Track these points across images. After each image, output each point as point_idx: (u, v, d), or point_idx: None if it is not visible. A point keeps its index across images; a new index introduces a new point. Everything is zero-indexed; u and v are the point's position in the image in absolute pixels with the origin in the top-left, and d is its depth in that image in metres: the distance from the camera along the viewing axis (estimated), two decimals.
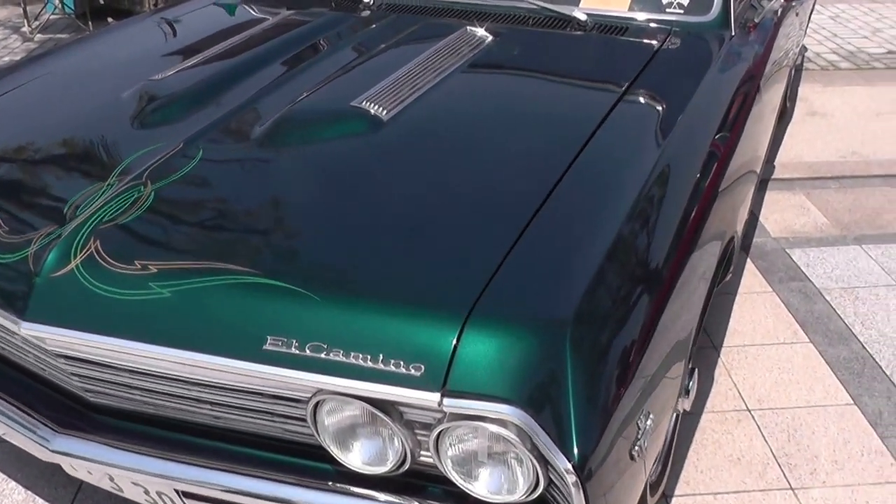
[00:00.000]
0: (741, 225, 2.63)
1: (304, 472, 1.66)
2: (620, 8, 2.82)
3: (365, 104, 2.17)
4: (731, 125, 2.36)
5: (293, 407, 1.60)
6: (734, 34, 2.74)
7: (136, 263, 1.68)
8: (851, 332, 3.03)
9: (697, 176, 2.05)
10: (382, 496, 1.60)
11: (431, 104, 2.24)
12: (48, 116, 2.35)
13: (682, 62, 2.56)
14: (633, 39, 2.71)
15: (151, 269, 1.66)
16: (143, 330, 1.61)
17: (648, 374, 1.62)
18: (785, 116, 4.94)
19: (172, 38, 3.01)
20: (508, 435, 1.41)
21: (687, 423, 2.57)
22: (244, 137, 2.12)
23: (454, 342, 1.45)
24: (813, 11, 5.58)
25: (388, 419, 1.49)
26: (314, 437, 1.60)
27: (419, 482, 1.62)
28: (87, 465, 1.79)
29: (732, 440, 2.53)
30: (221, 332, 1.57)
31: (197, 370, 1.60)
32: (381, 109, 2.15)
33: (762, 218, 3.84)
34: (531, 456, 1.41)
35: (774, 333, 3.02)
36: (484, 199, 1.84)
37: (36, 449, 1.81)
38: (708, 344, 2.95)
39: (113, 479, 1.81)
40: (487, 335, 1.46)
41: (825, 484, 2.38)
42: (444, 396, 1.42)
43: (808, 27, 5.37)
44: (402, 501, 1.60)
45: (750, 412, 2.64)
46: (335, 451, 1.60)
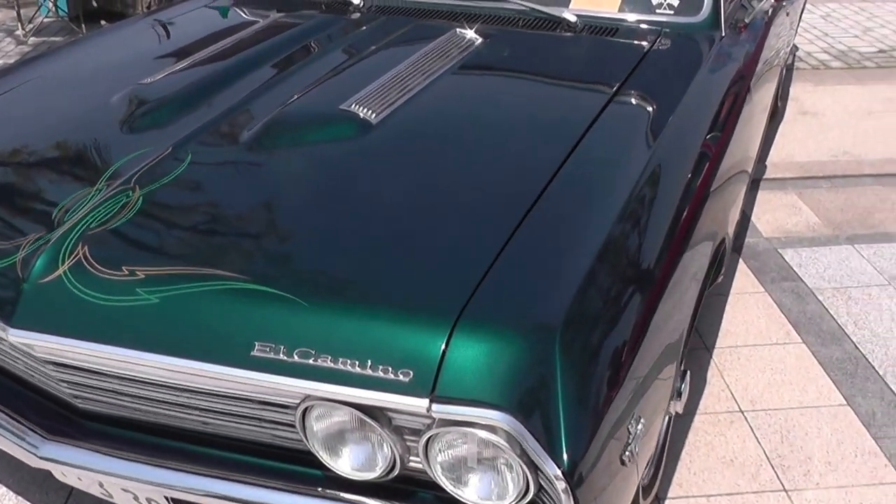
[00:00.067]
0: (733, 225, 2.62)
1: (293, 477, 1.65)
2: (610, 9, 2.81)
3: (354, 107, 2.16)
4: (722, 125, 2.35)
5: (282, 413, 1.59)
6: (724, 34, 2.73)
7: (123, 269, 1.67)
8: (844, 332, 3.02)
9: (688, 177, 2.05)
10: (372, 502, 1.60)
11: (420, 107, 2.23)
12: (38, 121, 2.33)
13: (672, 63, 2.56)
14: (623, 40, 2.70)
15: (139, 274, 1.65)
16: (130, 336, 1.60)
17: (639, 377, 1.61)
18: (776, 116, 4.94)
19: (164, 40, 3.00)
20: (498, 441, 1.40)
21: (679, 424, 2.56)
22: (233, 141, 2.12)
23: (443, 347, 1.44)
24: (804, 11, 5.58)
25: (376, 425, 1.48)
26: (303, 442, 1.59)
27: (409, 488, 1.61)
28: (76, 471, 1.78)
29: (725, 442, 2.53)
30: (209, 338, 1.56)
31: (185, 376, 1.59)
32: (369, 113, 2.14)
33: (754, 218, 3.84)
34: (521, 462, 1.41)
35: (767, 334, 3.02)
36: (473, 202, 1.83)
37: (25, 456, 1.80)
38: (700, 345, 2.95)
39: (103, 485, 1.80)
40: (476, 340, 1.45)
41: (819, 485, 2.37)
42: (432, 402, 1.42)
43: (798, 26, 5.37)
44: None
45: (743, 413, 2.64)
46: (324, 456, 1.59)
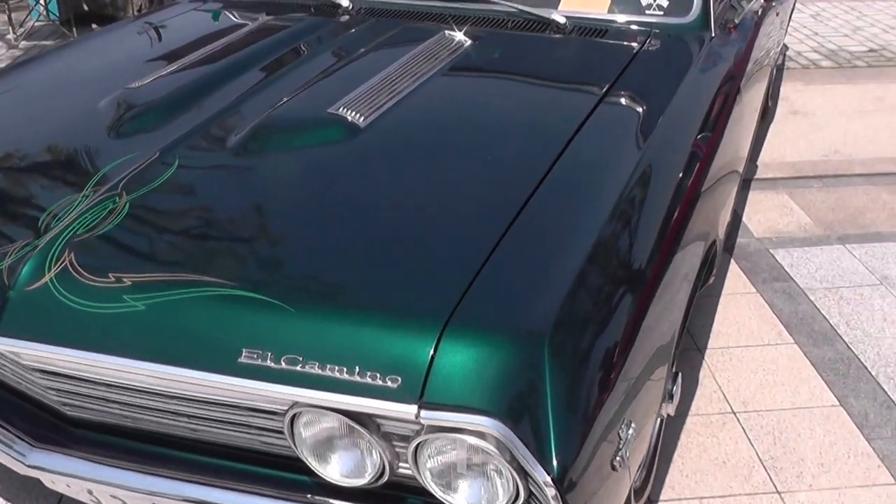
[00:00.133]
0: (724, 226, 2.62)
1: (282, 484, 1.64)
2: (599, 10, 2.81)
3: (342, 111, 2.15)
4: (712, 126, 2.35)
5: (270, 419, 1.58)
6: (714, 35, 2.73)
7: (110, 276, 1.66)
8: (836, 332, 3.02)
9: (679, 177, 2.04)
10: None
11: (409, 110, 2.22)
12: (26, 126, 2.31)
13: (662, 64, 2.55)
14: (612, 42, 2.69)
15: (126, 281, 1.64)
16: (117, 343, 1.59)
17: (630, 380, 1.61)
18: (767, 116, 4.95)
19: (153, 44, 2.98)
20: (487, 447, 1.39)
21: (672, 426, 2.56)
22: (221, 146, 2.10)
23: (431, 353, 1.43)
24: (793, 10, 5.59)
25: (365, 431, 1.47)
26: (292, 449, 1.58)
27: (398, 494, 1.60)
28: (65, 479, 1.77)
29: (718, 443, 2.52)
30: (196, 344, 1.55)
31: (172, 384, 1.58)
32: (358, 116, 2.13)
33: (745, 218, 3.84)
34: (511, 468, 1.40)
35: (759, 335, 3.02)
36: (462, 205, 1.82)
37: (13, 464, 1.78)
38: (692, 346, 2.94)
39: (92, 492, 1.79)
40: (465, 345, 1.44)
41: (812, 487, 2.37)
42: (421, 408, 1.41)
43: (788, 26, 5.38)
44: None
45: (735, 415, 2.63)
46: (313, 463, 1.58)
